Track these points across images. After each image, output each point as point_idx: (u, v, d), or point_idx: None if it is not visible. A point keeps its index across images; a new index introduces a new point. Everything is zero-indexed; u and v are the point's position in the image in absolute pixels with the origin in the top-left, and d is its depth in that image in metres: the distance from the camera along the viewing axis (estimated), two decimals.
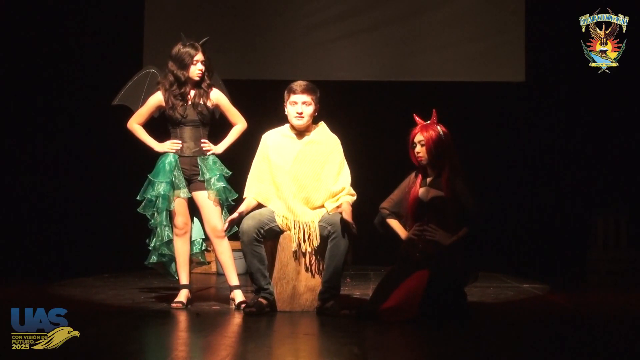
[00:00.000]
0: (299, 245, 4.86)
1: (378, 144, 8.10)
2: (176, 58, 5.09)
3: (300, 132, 5.00)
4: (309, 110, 4.93)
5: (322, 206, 4.93)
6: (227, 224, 4.86)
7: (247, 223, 4.80)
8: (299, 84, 4.94)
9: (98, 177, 8.16)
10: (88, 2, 8.28)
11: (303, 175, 4.93)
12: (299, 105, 4.91)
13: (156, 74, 5.28)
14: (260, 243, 4.82)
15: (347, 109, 7.91)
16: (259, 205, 4.97)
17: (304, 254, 4.89)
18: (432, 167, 4.76)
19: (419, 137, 4.74)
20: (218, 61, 5.57)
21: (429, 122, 4.79)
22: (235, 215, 4.84)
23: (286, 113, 4.98)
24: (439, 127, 4.73)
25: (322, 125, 5.09)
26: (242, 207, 4.91)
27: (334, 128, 5.14)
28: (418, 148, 4.74)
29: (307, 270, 4.90)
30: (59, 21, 8.23)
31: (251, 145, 5.36)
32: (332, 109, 5.16)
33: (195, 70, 5.09)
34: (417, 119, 4.83)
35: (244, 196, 5.01)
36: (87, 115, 8.09)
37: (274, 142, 5.02)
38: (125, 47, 8.10)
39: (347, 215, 4.75)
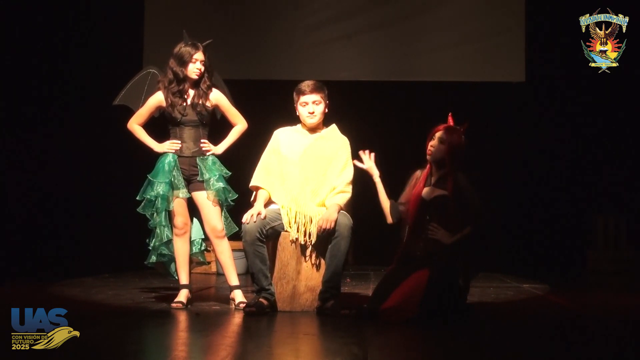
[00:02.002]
0: (297, 238, 4.86)
1: (378, 144, 8.07)
2: (176, 55, 5.11)
3: (312, 130, 5.09)
4: (319, 108, 5.03)
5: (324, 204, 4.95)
6: (249, 217, 4.82)
7: (250, 223, 4.81)
8: (306, 85, 5.03)
9: (98, 177, 8.16)
10: (88, 2, 8.27)
11: (310, 168, 4.99)
12: (310, 105, 5.01)
13: (156, 74, 5.29)
14: (263, 243, 4.82)
15: (347, 109, 7.90)
16: (269, 201, 4.98)
17: (305, 254, 4.89)
18: (439, 166, 4.75)
19: (441, 134, 4.74)
20: (219, 61, 5.57)
21: (459, 126, 4.78)
22: (258, 210, 4.83)
23: (298, 114, 5.07)
24: (463, 136, 4.74)
25: (334, 126, 5.17)
26: (260, 201, 4.91)
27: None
28: (434, 142, 4.74)
29: (307, 270, 4.90)
30: (59, 21, 8.23)
31: (252, 146, 5.37)
32: (331, 109, 5.17)
33: (194, 69, 5.10)
34: (450, 118, 4.80)
35: (250, 185, 5.02)
36: (87, 115, 8.09)
37: (286, 136, 5.11)
38: (125, 47, 8.09)
39: (328, 216, 4.80)
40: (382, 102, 8.39)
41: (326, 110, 5.08)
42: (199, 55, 5.10)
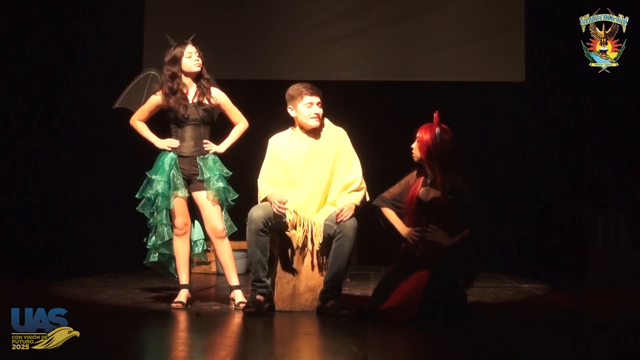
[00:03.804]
0: (304, 245, 4.86)
1: (377, 144, 8.10)
2: (170, 60, 5.11)
3: (307, 131, 5.03)
4: (321, 111, 4.99)
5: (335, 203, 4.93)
6: (277, 207, 4.80)
7: (257, 212, 4.80)
8: (308, 86, 4.98)
9: (98, 177, 8.16)
10: (88, 2, 8.27)
11: (317, 170, 4.94)
12: (315, 106, 4.96)
13: (157, 76, 5.28)
14: (266, 234, 4.80)
15: (347, 109, 7.91)
16: None
17: (305, 254, 4.89)
18: (428, 166, 4.75)
19: (417, 135, 4.74)
20: (219, 61, 5.57)
21: (433, 123, 4.76)
22: (282, 204, 4.81)
23: (294, 115, 5.01)
24: (438, 130, 4.68)
25: (326, 120, 5.11)
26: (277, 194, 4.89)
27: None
28: (413, 144, 4.76)
29: (307, 270, 4.91)
30: (58, 22, 8.22)
31: (252, 146, 5.37)
32: (331, 109, 5.17)
33: (192, 62, 5.09)
34: (435, 116, 4.76)
35: (260, 200, 4.96)
36: (86, 115, 8.09)
37: (284, 143, 5.04)
38: (125, 48, 8.09)
39: (349, 207, 4.80)
40: (382, 102, 8.39)
41: None
42: (190, 49, 5.10)
